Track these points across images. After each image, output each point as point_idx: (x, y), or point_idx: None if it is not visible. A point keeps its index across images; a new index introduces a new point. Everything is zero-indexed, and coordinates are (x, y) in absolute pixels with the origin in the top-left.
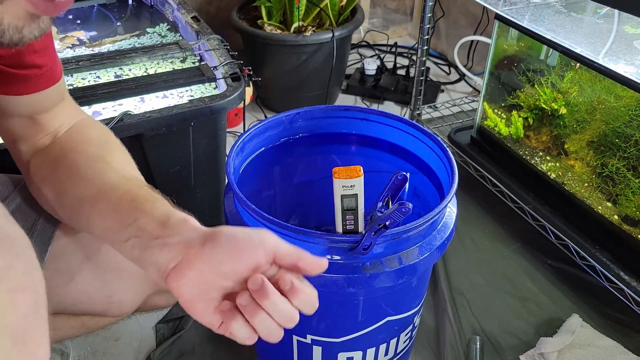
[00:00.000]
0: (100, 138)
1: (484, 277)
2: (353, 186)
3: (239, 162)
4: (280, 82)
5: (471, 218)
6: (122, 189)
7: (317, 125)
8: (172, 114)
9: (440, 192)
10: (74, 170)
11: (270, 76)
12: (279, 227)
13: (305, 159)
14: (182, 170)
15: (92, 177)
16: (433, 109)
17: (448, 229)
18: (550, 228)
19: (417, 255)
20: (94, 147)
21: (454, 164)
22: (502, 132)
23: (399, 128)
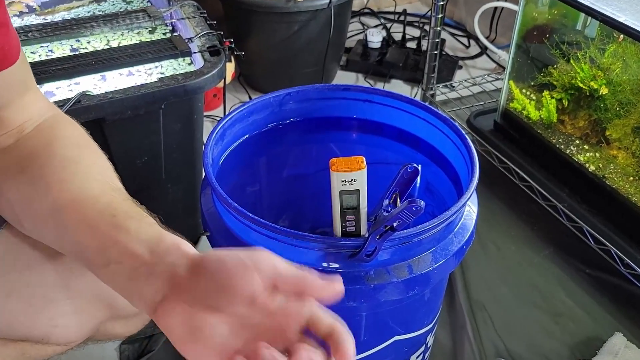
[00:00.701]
0: (75, 137)
1: (510, 288)
2: (354, 180)
3: (219, 151)
4: (267, 57)
5: (494, 218)
6: (103, 201)
7: (312, 108)
8: (138, 94)
9: (457, 187)
10: (46, 173)
11: (256, 50)
12: (265, 230)
13: (297, 149)
14: (150, 162)
15: (68, 183)
16: (449, 88)
17: (467, 231)
18: (588, 230)
19: (431, 263)
20: (69, 147)
21: (474, 153)
22: (531, 117)
23: (408, 111)
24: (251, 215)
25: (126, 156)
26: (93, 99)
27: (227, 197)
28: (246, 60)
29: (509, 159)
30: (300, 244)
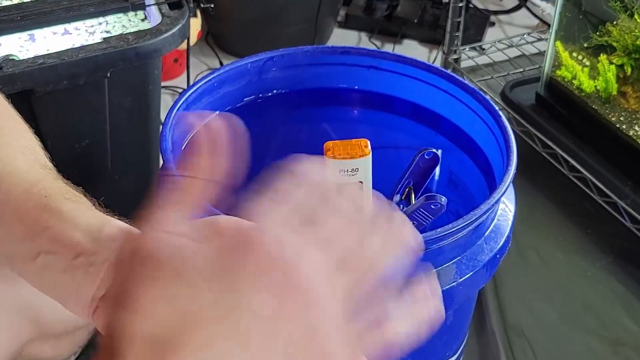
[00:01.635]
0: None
1: (556, 308)
2: (356, 170)
3: (181, 133)
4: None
5: (537, 219)
6: (31, 178)
7: (301, 77)
8: (77, 59)
9: (489, 179)
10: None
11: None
12: None
13: (282, 130)
14: (93, 147)
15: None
16: (478, 51)
17: (501, 236)
18: None
19: (454, 277)
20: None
21: (511, 135)
22: (583, 88)
23: (425, 81)
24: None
25: (61, 139)
26: (18, 65)
27: None
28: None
29: (556, 142)
30: None
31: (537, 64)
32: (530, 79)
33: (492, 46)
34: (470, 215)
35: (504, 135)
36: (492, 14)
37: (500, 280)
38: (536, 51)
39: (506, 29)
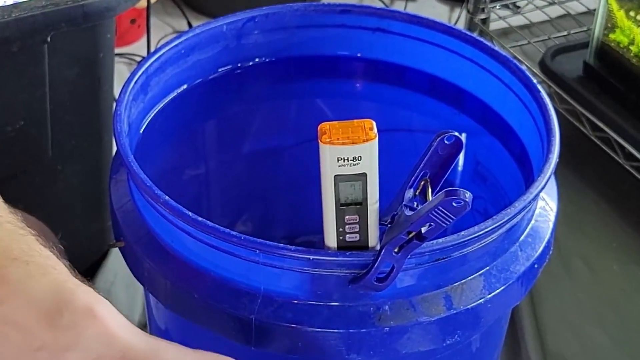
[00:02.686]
0: None
1: (609, 333)
2: (358, 159)
3: (140, 113)
4: None
5: (585, 220)
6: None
7: (290, 43)
8: (8, 20)
9: (525, 169)
10: None
11: None
12: (215, 239)
13: (266, 108)
14: (30, 129)
15: None
16: (512, 10)
17: (540, 241)
18: None
19: (482, 292)
20: None
21: (553, 115)
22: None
23: (445, 47)
24: (192, 215)
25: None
26: None
27: (153, 186)
28: None
29: (609, 123)
30: (272, 262)
31: (585, 26)
32: (577, 44)
33: (529, 3)
34: (502, 215)
35: (544, 114)
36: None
37: (539, 296)
38: (584, 10)
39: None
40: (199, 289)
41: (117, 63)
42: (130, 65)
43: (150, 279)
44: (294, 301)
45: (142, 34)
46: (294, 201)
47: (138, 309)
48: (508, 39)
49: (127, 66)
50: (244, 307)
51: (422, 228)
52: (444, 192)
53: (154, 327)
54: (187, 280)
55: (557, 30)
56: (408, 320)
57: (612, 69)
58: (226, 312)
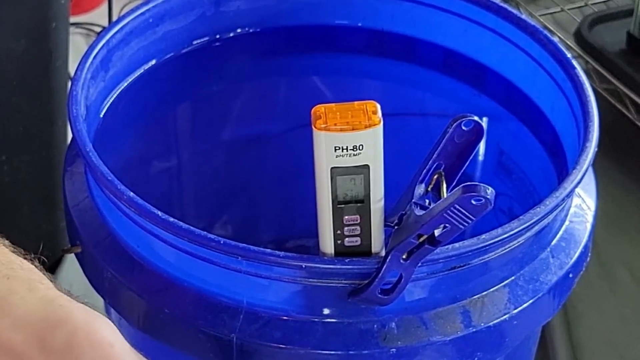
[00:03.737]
0: None
1: None
2: (359, 148)
3: (100, 93)
4: None
5: (630, 222)
6: None
7: (278, 9)
8: None
9: (557, 161)
10: None
11: None
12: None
13: (249, 87)
14: None
15: None
16: None
17: (576, 246)
18: None
19: (507, 306)
20: None
21: (591, 97)
22: None
23: (463, 15)
24: (162, 215)
25: None
26: None
27: (116, 180)
28: None
29: None
30: (257, 271)
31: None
32: (619, 12)
33: None
34: (530, 215)
35: (580, 95)
36: None
37: (575, 312)
38: None
39: None
40: (171, 304)
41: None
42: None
43: (112, 290)
44: (283, 317)
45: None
46: (283, 199)
47: None
48: (537, 6)
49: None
50: (224, 325)
51: (435, 230)
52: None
53: None
54: (157, 292)
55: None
56: (419, 340)
57: None
58: (203, 331)
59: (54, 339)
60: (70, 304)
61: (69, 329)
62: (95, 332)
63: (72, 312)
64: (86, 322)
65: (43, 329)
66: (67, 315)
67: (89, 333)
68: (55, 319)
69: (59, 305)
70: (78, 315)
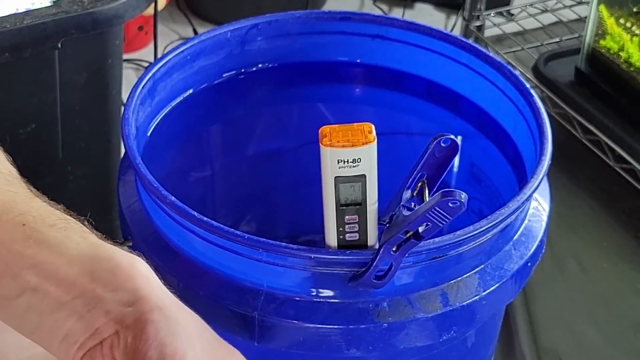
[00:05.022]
0: None
1: (600, 329)
2: (358, 161)
3: (147, 116)
4: None
5: (577, 220)
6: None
7: (292, 49)
8: (21, 27)
9: (518, 171)
10: None
11: None
12: (220, 238)
13: (268, 112)
14: (41, 132)
15: None
16: (505, 17)
17: (533, 240)
18: None
19: (477, 290)
20: None
21: (545, 119)
22: (633, 61)
23: (442, 53)
24: (198, 215)
25: (2, 122)
26: None
27: (160, 187)
28: None
29: (599, 127)
30: (274, 260)
31: (576, 33)
32: (569, 50)
33: (523, 11)
34: (496, 215)
35: (537, 118)
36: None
37: (532, 294)
38: (575, 17)
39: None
40: (204, 287)
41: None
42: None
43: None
44: (295, 298)
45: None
46: (296, 202)
47: None
48: (502, 45)
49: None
50: (248, 304)
51: (419, 228)
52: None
53: None
54: (193, 278)
55: (550, 37)
56: (406, 317)
57: (602, 75)
58: (230, 309)
59: (101, 271)
60: (114, 247)
61: (113, 264)
62: (134, 266)
63: (115, 252)
64: (127, 260)
65: (93, 264)
66: (111, 254)
67: (130, 266)
68: (102, 257)
69: (105, 248)
70: (120, 254)
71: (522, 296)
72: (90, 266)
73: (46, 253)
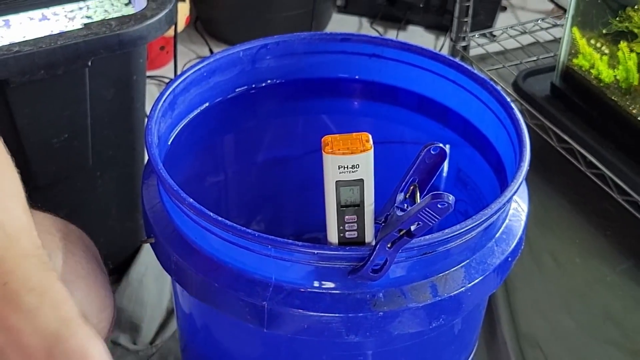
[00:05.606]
0: None
1: (573, 317)
2: (356, 166)
3: (168, 127)
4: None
5: (552, 220)
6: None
7: (297, 67)
8: (55, 47)
9: (500, 176)
10: None
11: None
12: (233, 235)
13: (276, 123)
14: (72, 141)
15: None
16: (489, 38)
17: (514, 237)
18: None
19: (463, 282)
20: None
21: (524, 129)
22: (602, 77)
23: (432, 70)
24: (213, 215)
25: (38, 133)
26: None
27: (179, 190)
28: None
29: (572, 136)
30: (282, 255)
31: (552, 52)
32: (545, 68)
33: (504, 33)
34: (480, 215)
35: (517, 129)
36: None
37: (513, 286)
38: (551, 38)
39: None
40: (219, 279)
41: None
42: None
43: (177, 270)
44: (300, 289)
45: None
46: (301, 203)
47: (166, 296)
48: (486, 64)
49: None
50: (258, 295)
51: (411, 226)
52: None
53: (180, 312)
54: (209, 271)
55: (528, 56)
56: (399, 306)
57: (575, 90)
58: (242, 299)
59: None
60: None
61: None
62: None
63: (76, 334)
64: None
65: (52, 342)
66: (72, 335)
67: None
68: (63, 337)
69: (69, 327)
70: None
71: (503, 288)
72: (50, 343)
73: (16, 318)
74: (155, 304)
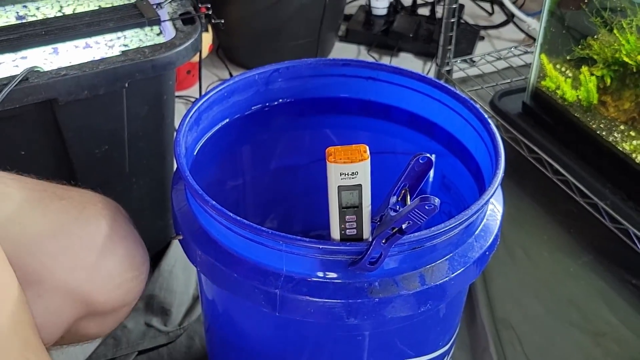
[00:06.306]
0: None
1: (542, 303)
2: (355, 174)
3: (193, 139)
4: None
5: (523, 219)
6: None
7: (304, 87)
8: (97, 71)
9: (479, 182)
10: None
11: (238, 17)
12: (249, 232)
13: (287, 136)
14: (112, 152)
15: None
16: (469, 64)
17: (490, 234)
18: (635, 233)
19: (447, 272)
20: None
21: (499, 141)
22: (566, 97)
23: (420, 91)
24: (232, 215)
25: (83, 145)
26: (43, 76)
27: (204, 194)
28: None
29: (541, 147)
30: (291, 250)
31: (523, 75)
32: (517, 89)
33: (482, 59)
34: (462, 215)
35: (493, 141)
36: (481, 29)
37: (490, 276)
38: (522, 63)
39: (495, 42)
40: (238, 270)
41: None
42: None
43: (201, 263)
44: (308, 279)
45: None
46: (308, 204)
47: (193, 285)
48: (466, 85)
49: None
50: (271, 284)
51: (403, 225)
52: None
53: (204, 298)
54: (229, 264)
55: (503, 78)
56: (392, 293)
57: (543, 108)
58: (257, 287)
59: None
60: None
61: None
62: None
63: None
64: None
65: None
66: None
67: None
68: None
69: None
70: None
71: (481, 278)
72: None
73: None
74: (183, 292)
